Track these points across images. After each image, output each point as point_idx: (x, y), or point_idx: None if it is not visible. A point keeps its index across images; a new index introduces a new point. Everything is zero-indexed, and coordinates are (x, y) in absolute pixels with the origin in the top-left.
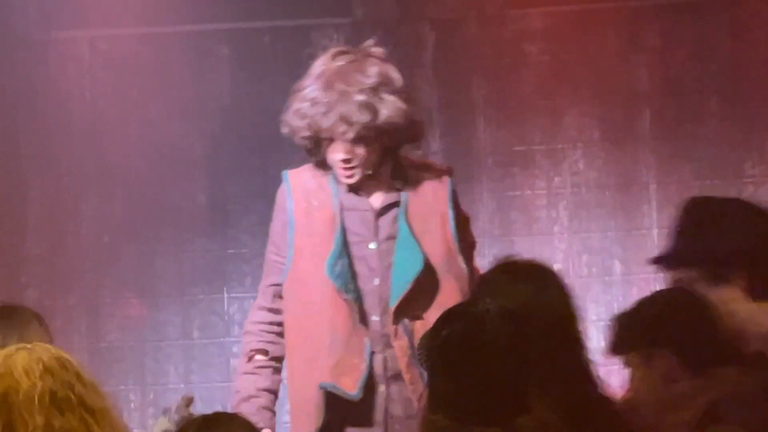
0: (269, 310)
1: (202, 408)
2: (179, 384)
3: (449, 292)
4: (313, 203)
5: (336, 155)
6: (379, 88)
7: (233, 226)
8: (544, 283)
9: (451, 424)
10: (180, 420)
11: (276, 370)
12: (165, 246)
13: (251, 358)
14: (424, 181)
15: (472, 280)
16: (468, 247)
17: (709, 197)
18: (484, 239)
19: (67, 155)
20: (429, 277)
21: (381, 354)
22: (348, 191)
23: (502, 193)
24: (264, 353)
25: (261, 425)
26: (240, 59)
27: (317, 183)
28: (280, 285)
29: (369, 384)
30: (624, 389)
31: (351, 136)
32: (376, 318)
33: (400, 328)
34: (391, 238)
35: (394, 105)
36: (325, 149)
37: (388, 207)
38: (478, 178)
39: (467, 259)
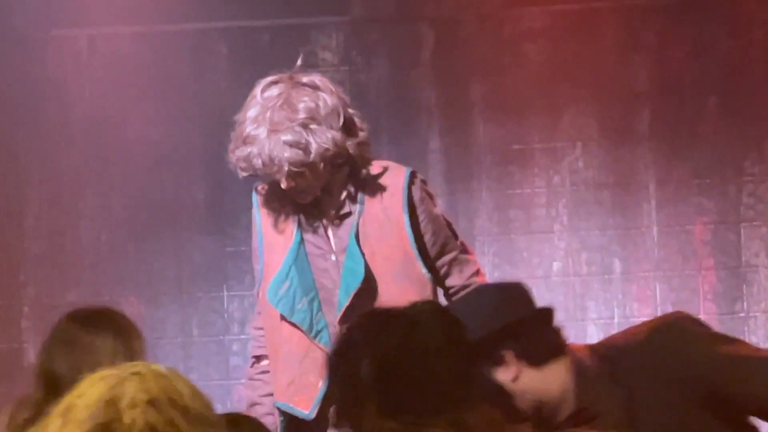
0: None
1: None
2: None
3: (407, 297)
4: (277, 218)
5: (280, 184)
6: (309, 122)
7: (232, 223)
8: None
9: (402, 427)
10: None
11: None
12: (164, 244)
13: (253, 364)
14: (380, 188)
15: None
16: (440, 246)
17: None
18: (483, 238)
19: (66, 153)
20: (380, 286)
21: None
22: (306, 205)
23: (501, 192)
24: (265, 358)
25: None
26: (239, 58)
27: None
28: None
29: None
30: None
31: (284, 174)
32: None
33: None
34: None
35: (325, 136)
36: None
37: (342, 218)
38: (477, 176)
39: (439, 258)
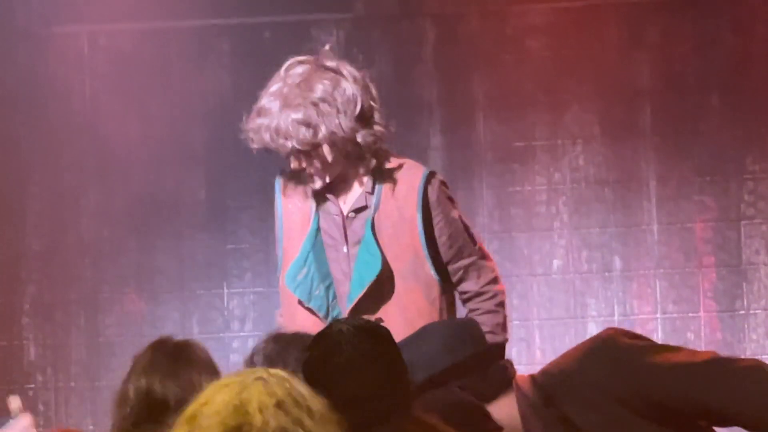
0: None
1: None
2: None
3: (413, 296)
4: (297, 204)
5: (291, 164)
6: (321, 104)
7: (233, 221)
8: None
9: None
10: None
11: None
12: (164, 241)
13: None
14: (397, 184)
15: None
16: (457, 250)
17: None
18: (484, 235)
19: (67, 150)
20: (391, 281)
21: None
22: (323, 194)
23: (502, 189)
24: None
25: None
26: (240, 54)
27: (301, 183)
28: None
29: None
30: None
31: (288, 149)
32: None
33: None
34: (360, 242)
35: (336, 120)
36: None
37: (357, 211)
38: (478, 173)
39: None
